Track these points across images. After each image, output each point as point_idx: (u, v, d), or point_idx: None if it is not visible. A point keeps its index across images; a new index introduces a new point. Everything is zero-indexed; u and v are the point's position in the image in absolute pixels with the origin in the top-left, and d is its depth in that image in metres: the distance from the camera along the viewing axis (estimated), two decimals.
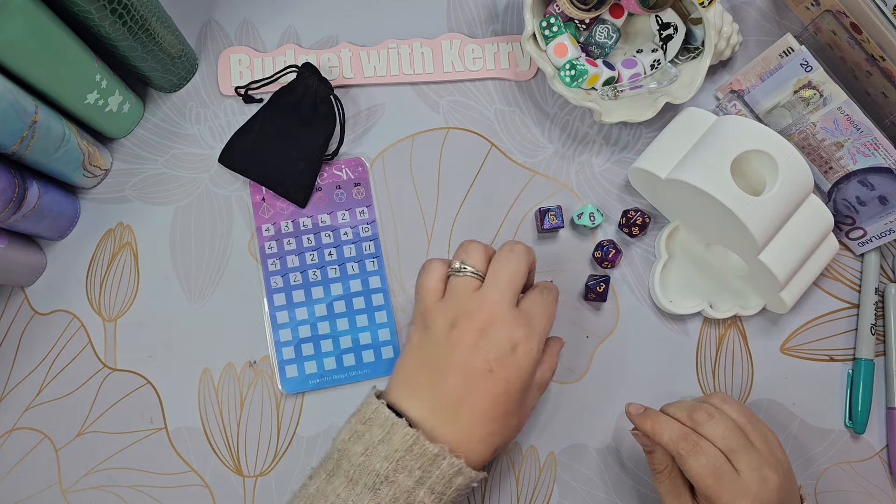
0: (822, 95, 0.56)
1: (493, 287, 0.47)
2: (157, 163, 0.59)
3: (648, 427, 0.49)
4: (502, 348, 0.46)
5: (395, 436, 0.44)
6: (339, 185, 0.59)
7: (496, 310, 0.47)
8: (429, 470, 0.44)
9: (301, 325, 0.57)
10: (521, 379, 0.47)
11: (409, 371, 0.48)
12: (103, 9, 0.46)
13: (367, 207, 0.58)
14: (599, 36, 0.57)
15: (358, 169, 0.59)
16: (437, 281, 0.49)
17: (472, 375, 0.46)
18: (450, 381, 0.46)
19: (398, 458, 0.44)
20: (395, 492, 0.44)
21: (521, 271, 0.48)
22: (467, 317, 0.47)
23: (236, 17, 0.61)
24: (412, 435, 0.44)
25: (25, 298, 0.57)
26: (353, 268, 0.58)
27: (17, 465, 0.55)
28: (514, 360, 0.46)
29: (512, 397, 0.47)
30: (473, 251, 0.49)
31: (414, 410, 0.46)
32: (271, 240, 0.58)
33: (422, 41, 0.60)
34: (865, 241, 0.59)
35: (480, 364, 0.46)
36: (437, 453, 0.44)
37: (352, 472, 0.44)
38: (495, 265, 0.48)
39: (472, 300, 0.47)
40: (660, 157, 0.54)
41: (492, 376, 0.46)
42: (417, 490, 0.44)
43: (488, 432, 0.46)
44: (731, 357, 0.59)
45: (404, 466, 0.44)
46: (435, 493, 0.44)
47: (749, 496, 0.45)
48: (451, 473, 0.44)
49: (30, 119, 0.47)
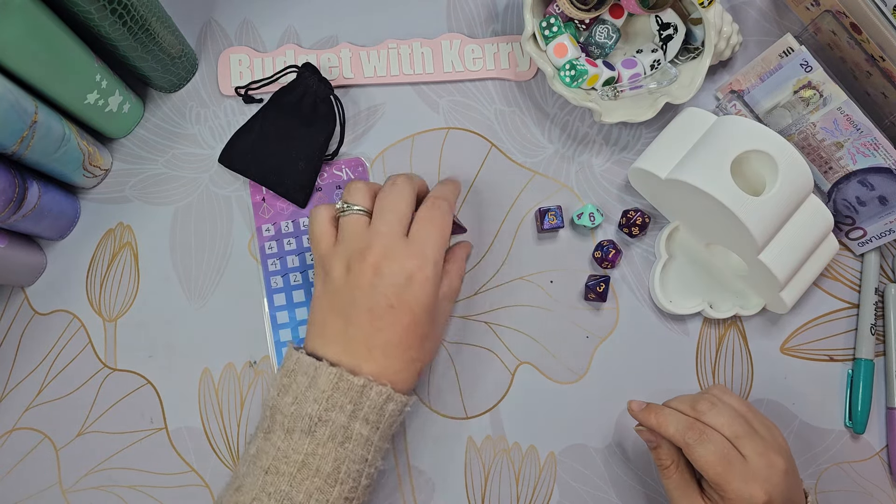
0: (822, 95, 0.56)
1: (379, 221, 0.48)
2: (157, 163, 0.59)
3: (653, 421, 0.49)
4: (398, 283, 0.47)
5: (319, 378, 0.46)
6: (339, 186, 0.59)
7: (386, 242, 0.47)
8: (359, 402, 0.46)
9: (301, 325, 0.57)
10: (423, 306, 0.47)
11: (319, 320, 0.49)
12: (103, 9, 0.46)
13: None
14: (599, 36, 0.57)
15: (358, 169, 0.59)
16: (327, 224, 0.50)
17: (376, 313, 0.47)
18: (357, 323, 0.47)
19: (326, 397, 0.45)
20: (330, 429, 0.45)
21: (405, 200, 0.49)
22: (359, 256, 0.47)
23: (236, 17, 0.61)
24: (335, 373, 0.46)
25: (25, 298, 0.57)
26: None
27: (17, 465, 0.55)
28: (412, 290, 0.47)
29: (420, 324, 0.48)
30: (356, 190, 0.50)
31: (331, 355, 0.47)
32: (271, 240, 0.58)
33: (422, 41, 0.60)
34: (865, 241, 0.59)
35: (381, 301, 0.47)
36: (364, 384, 0.46)
37: (286, 422, 0.46)
38: (379, 199, 0.49)
39: (361, 238, 0.48)
40: (660, 157, 0.54)
41: (394, 311, 0.47)
42: (352, 423, 0.46)
43: (407, 360, 0.48)
44: (731, 357, 0.59)
45: (334, 404, 0.45)
46: (370, 423, 0.46)
47: (759, 480, 0.46)
48: (382, 401, 0.46)
49: (30, 119, 0.47)
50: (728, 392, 0.51)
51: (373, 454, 0.47)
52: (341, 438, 0.45)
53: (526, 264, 0.59)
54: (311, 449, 0.45)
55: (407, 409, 0.48)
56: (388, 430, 0.48)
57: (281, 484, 0.45)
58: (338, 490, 0.45)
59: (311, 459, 0.45)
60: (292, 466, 0.45)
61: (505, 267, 0.59)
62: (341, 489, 0.45)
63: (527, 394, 0.58)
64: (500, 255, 0.59)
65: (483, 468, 0.57)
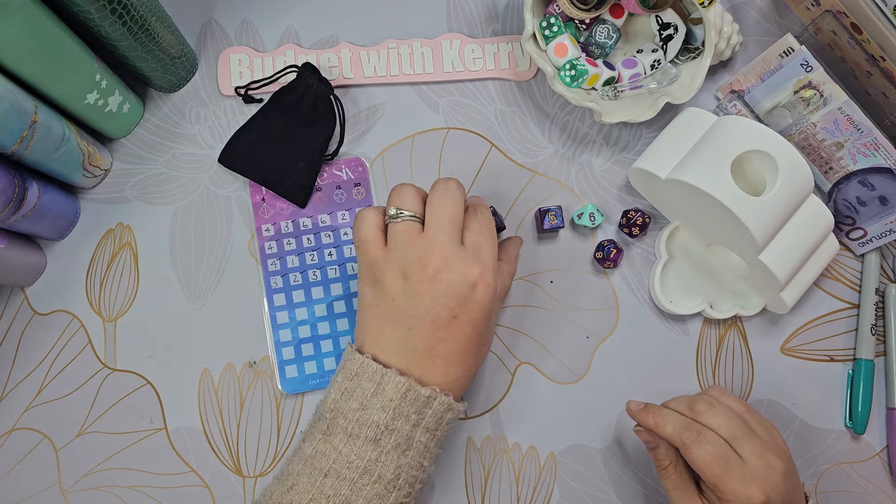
0: (823, 95, 0.56)
1: (437, 229, 0.46)
2: (156, 163, 0.59)
3: (651, 421, 0.49)
4: (460, 293, 0.46)
5: (387, 386, 0.45)
6: (339, 186, 0.59)
7: (445, 252, 0.46)
8: (423, 412, 0.46)
9: (301, 325, 0.57)
10: (485, 313, 0.47)
11: (375, 329, 0.47)
12: (103, 9, 0.46)
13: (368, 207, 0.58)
14: (599, 36, 0.57)
15: (358, 169, 0.59)
16: (376, 229, 0.48)
17: (439, 324, 0.46)
18: (418, 333, 0.46)
19: (394, 406, 0.45)
20: (395, 438, 0.45)
21: (460, 207, 0.48)
22: (418, 265, 0.46)
23: (236, 17, 0.61)
24: (404, 383, 0.45)
25: (25, 298, 0.57)
26: (352, 268, 0.58)
27: (16, 466, 0.55)
28: (475, 299, 0.46)
29: (481, 332, 0.47)
30: (407, 194, 0.48)
31: (394, 362, 0.46)
32: (271, 240, 0.58)
33: (422, 41, 0.60)
34: (866, 242, 0.59)
35: (444, 313, 0.46)
36: (430, 395, 0.45)
37: (349, 427, 0.45)
38: (434, 205, 0.47)
39: (418, 246, 0.46)
40: (660, 158, 0.54)
41: (457, 322, 0.46)
42: (415, 432, 0.46)
43: (466, 366, 0.48)
44: (731, 357, 0.59)
45: (401, 413, 0.45)
46: (429, 431, 0.46)
47: (756, 481, 0.46)
48: (442, 410, 0.46)
49: (30, 119, 0.47)
50: (726, 393, 0.51)
51: (429, 460, 0.47)
52: (404, 447, 0.45)
53: (526, 264, 0.59)
54: (374, 456, 0.45)
55: (460, 416, 0.48)
56: (443, 437, 0.48)
57: (341, 488, 0.44)
58: (394, 496, 0.45)
59: (374, 466, 0.45)
60: (354, 472, 0.44)
61: None
62: (398, 495, 0.45)
63: (527, 394, 0.57)
64: None
65: (483, 468, 0.57)
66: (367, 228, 0.48)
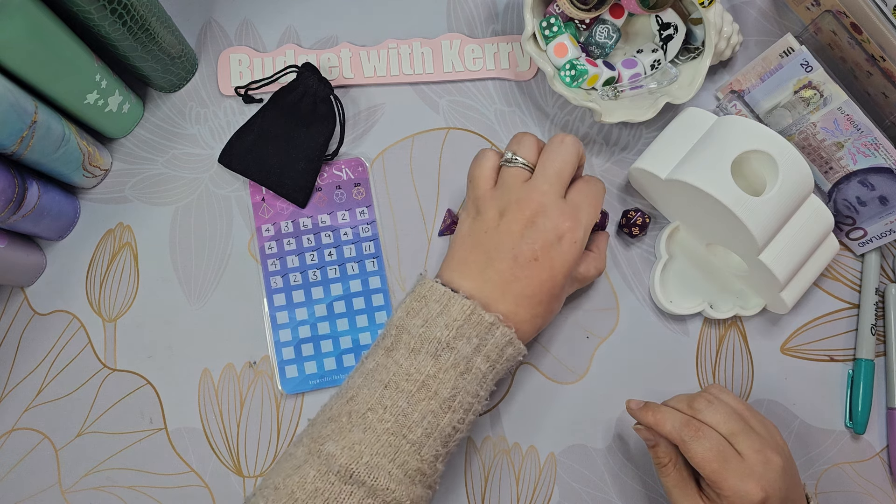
0: (823, 95, 0.56)
1: (542, 178, 0.49)
2: (156, 163, 0.59)
3: (650, 419, 0.49)
4: (548, 238, 0.48)
5: (452, 307, 0.46)
6: (339, 186, 0.59)
7: (545, 200, 0.49)
8: (485, 338, 0.46)
9: (301, 325, 0.57)
10: (565, 267, 0.49)
11: (459, 254, 0.50)
12: (103, 9, 0.46)
13: (366, 207, 0.58)
14: (599, 36, 0.57)
15: (358, 169, 0.59)
16: (490, 170, 0.51)
17: (519, 261, 0.48)
18: (498, 266, 0.48)
19: (457, 326, 0.46)
20: (455, 357, 0.46)
21: (570, 163, 0.50)
22: (517, 206, 0.49)
23: (236, 17, 0.61)
24: (469, 305, 0.46)
25: (25, 299, 0.57)
26: (352, 268, 0.58)
27: (16, 466, 0.55)
28: (560, 249, 0.48)
29: (556, 284, 0.49)
30: (526, 142, 0.51)
31: (465, 288, 0.48)
32: (271, 240, 0.58)
33: (422, 41, 0.60)
34: (866, 242, 0.59)
35: (527, 252, 0.48)
36: (493, 322, 0.46)
37: (412, 342, 0.46)
38: (545, 157, 0.50)
39: (521, 190, 0.49)
40: (660, 158, 0.54)
41: (537, 265, 0.48)
42: (475, 357, 0.46)
43: (533, 314, 0.49)
44: (731, 357, 0.59)
45: (463, 334, 0.46)
46: (490, 361, 0.47)
47: (755, 477, 0.46)
48: (504, 342, 0.47)
49: (29, 119, 0.47)
50: (725, 391, 0.51)
51: (485, 390, 0.48)
52: (462, 369, 0.46)
53: None
54: (433, 371, 0.45)
55: (520, 358, 0.49)
56: (501, 372, 0.49)
57: (399, 399, 0.45)
58: (448, 417, 0.46)
59: (432, 382, 0.45)
60: (412, 385, 0.45)
61: None
62: (452, 417, 0.46)
63: (527, 394, 0.57)
64: None
65: (483, 469, 0.57)
66: (484, 166, 0.51)
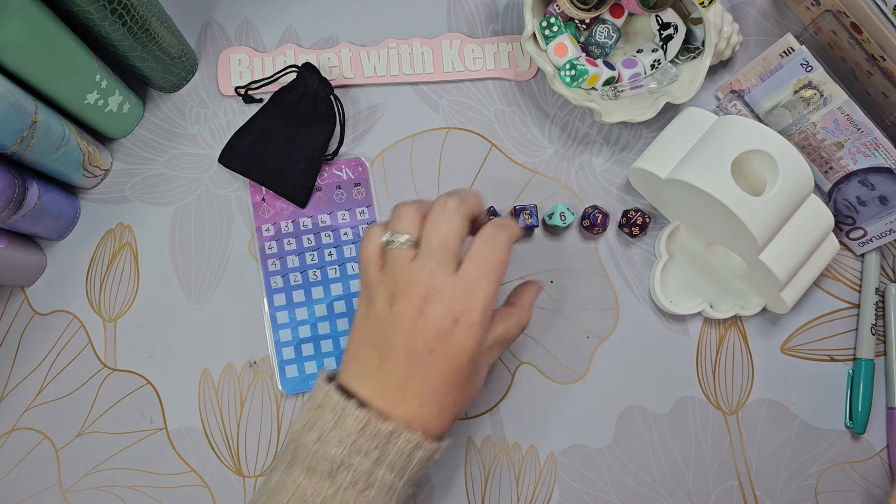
0: (823, 95, 0.56)
1: (427, 256, 0.44)
2: (156, 163, 0.59)
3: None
4: (442, 326, 0.43)
5: (346, 420, 0.43)
6: (339, 186, 0.59)
7: (433, 281, 0.44)
8: (385, 448, 0.43)
9: (301, 325, 0.57)
10: (466, 353, 0.44)
11: (355, 349, 0.46)
12: (103, 9, 0.46)
13: (367, 208, 0.58)
14: (599, 36, 0.57)
15: (358, 169, 0.59)
16: (376, 251, 0.46)
17: (415, 356, 0.44)
18: (393, 363, 0.44)
19: (351, 441, 0.43)
20: (353, 475, 0.43)
21: (455, 231, 0.45)
22: (405, 292, 0.44)
23: (236, 17, 0.61)
24: (363, 417, 0.43)
25: (25, 299, 0.57)
26: (352, 268, 0.58)
27: (17, 466, 0.55)
28: (457, 335, 0.43)
29: (461, 371, 0.44)
30: (404, 216, 0.46)
31: (363, 391, 0.44)
32: (271, 240, 0.58)
33: (422, 41, 0.60)
34: (866, 242, 0.59)
35: (421, 345, 0.43)
36: (392, 430, 0.43)
37: (308, 460, 0.43)
38: (427, 229, 0.45)
39: (408, 272, 0.44)
40: (660, 157, 0.54)
41: (434, 357, 0.43)
42: (376, 470, 0.43)
43: (440, 409, 0.45)
44: (731, 357, 0.59)
45: (359, 449, 0.43)
46: (395, 470, 0.43)
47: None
48: (410, 449, 0.43)
49: (30, 119, 0.47)
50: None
51: (395, 500, 0.44)
52: (363, 486, 0.43)
53: (526, 264, 0.59)
54: (330, 493, 0.43)
55: (436, 456, 0.45)
56: (415, 476, 0.45)
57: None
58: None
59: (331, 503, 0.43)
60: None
61: None
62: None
63: (527, 394, 0.57)
64: None
65: (483, 469, 0.57)
66: (368, 248, 0.46)
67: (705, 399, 0.58)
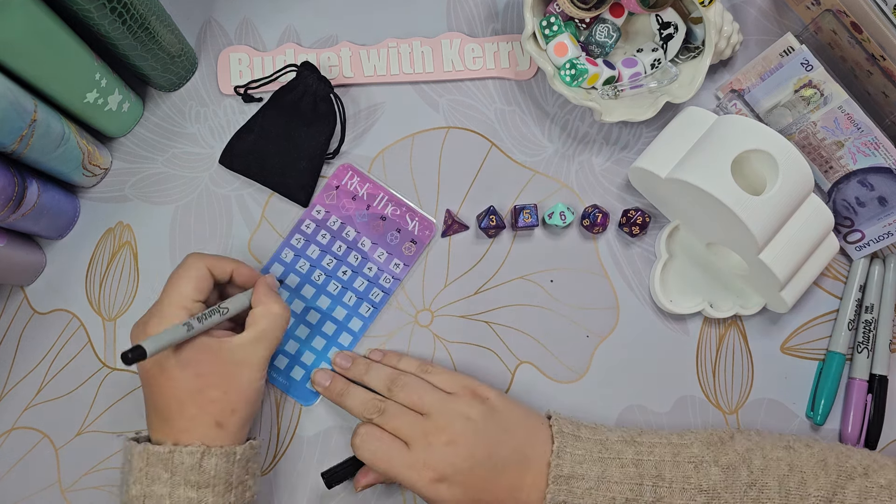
0: (823, 95, 0.56)
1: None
2: (156, 162, 0.59)
3: None
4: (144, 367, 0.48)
5: (133, 456, 0.47)
6: (400, 230, 0.58)
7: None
8: (175, 468, 0.46)
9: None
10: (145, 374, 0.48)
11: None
12: (103, 8, 0.46)
13: (405, 266, 0.57)
14: (600, 35, 0.57)
15: (426, 232, 0.58)
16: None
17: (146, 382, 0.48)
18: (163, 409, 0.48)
19: (144, 473, 0.46)
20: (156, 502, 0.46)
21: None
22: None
23: (236, 17, 0.61)
24: (142, 448, 0.46)
25: (25, 298, 0.57)
26: (350, 298, 0.57)
27: (16, 465, 0.55)
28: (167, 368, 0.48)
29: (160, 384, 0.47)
30: None
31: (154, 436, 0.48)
32: (312, 222, 0.57)
33: (422, 40, 0.60)
34: (863, 246, 0.59)
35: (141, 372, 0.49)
36: (170, 450, 0.46)
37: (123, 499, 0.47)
38: None
39: None
40: (660, 157, 0.54)
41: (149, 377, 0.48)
42: (175, 491, 0.45)
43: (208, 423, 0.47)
44: (731, 357, 0.59)
45: (154, 478, 0.46)
46: (198, 486, 0.46)
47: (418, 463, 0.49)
48: (196, 460, 0.46)
49: (29, 118, 0.47)
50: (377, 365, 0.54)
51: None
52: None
53: (526, 264, 0.59)
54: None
55: (238, 457, 0.48)
56: (224, 483, 0.47)
57: None
58: None
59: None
60: None
61: (505, 266, 0.59)
62: None
63: (527, 394, 0.57)
64: (500, 255, 0.59)
65: None
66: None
67: (705, 398, 0.58)
